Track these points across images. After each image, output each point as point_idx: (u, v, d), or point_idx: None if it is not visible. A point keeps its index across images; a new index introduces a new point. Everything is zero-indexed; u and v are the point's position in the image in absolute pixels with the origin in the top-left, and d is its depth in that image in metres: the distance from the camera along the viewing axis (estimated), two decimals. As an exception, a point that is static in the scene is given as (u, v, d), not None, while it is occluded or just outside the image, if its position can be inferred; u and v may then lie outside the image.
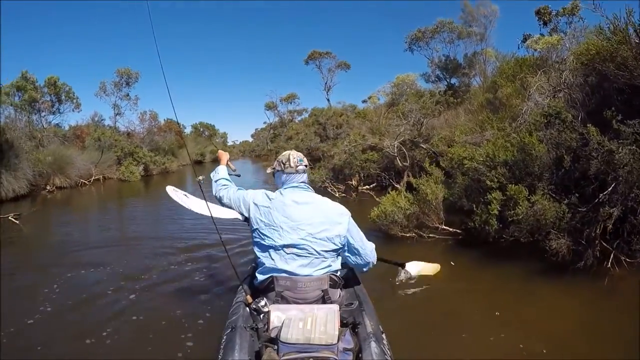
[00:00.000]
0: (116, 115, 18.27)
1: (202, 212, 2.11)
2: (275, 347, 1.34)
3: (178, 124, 18.35)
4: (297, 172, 1.84)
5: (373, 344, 1.42)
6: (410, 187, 4.40)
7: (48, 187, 10.82)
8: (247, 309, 1.68)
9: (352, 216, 1.82)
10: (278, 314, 1.45)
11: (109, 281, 3.31)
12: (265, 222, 1.73)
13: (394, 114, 7.25)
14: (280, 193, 1.81)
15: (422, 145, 6.50)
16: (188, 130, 33.44)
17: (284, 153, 1.93)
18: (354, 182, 7.61)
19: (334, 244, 1.73)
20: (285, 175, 1.86)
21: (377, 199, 4.32)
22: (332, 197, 6.87)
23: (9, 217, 6.11)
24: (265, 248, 1.72)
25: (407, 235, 4.05)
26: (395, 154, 6.67)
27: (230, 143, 41.22)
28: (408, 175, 6.37)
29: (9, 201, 8.50)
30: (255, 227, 1.77)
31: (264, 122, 28.86)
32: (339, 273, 1.77)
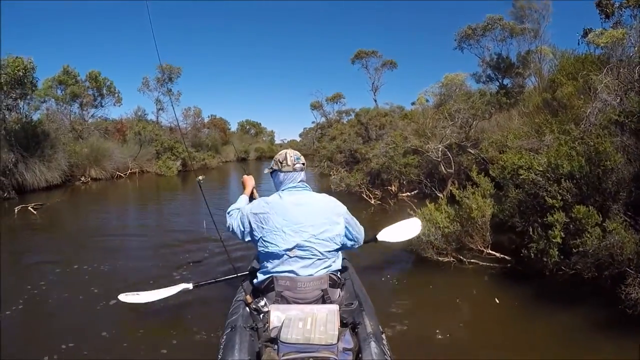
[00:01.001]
0: (158, 110, 19.73)
1: (156, 298, 2.56)
2: (275, 347, 1.39)
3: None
4: (294, 170, 1.91)
5: (373, 344, 1.48)
6: (453, 198, 3.96)
7: (82, 178, 11.75)
8: (247, 308, 1.75)
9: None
10: (278, 314, 1.51)
11: (97, 280, 3.43)
12: (266, 229, 1.78)
13: (440, 114, 7.02)
14: (279, 196, 1.86)
15: (470, 150, 6.27)
16: (234, 127, 35.31)
17: (280, 152, 2.01)
18: (393, 188, 7.51)
19: (335, 243, 1.80)
20: (282, 174, 1.92)
21: (418, 209, 3.91)
22: (367, 204, 6.83)
23: (29, 207, 6.74)
24: (269, 254, 1.77)
25: (443, 259, 3.62)
26: (440, 159, 6.48)
27: (278, 142, 42.47)
28: (453, 184, 6.16)
29: (40, 190, 9.30)
30: (259, 237, 1.82)
31: (312, 122, 29.77)
32: (339, 273, 1.82)
